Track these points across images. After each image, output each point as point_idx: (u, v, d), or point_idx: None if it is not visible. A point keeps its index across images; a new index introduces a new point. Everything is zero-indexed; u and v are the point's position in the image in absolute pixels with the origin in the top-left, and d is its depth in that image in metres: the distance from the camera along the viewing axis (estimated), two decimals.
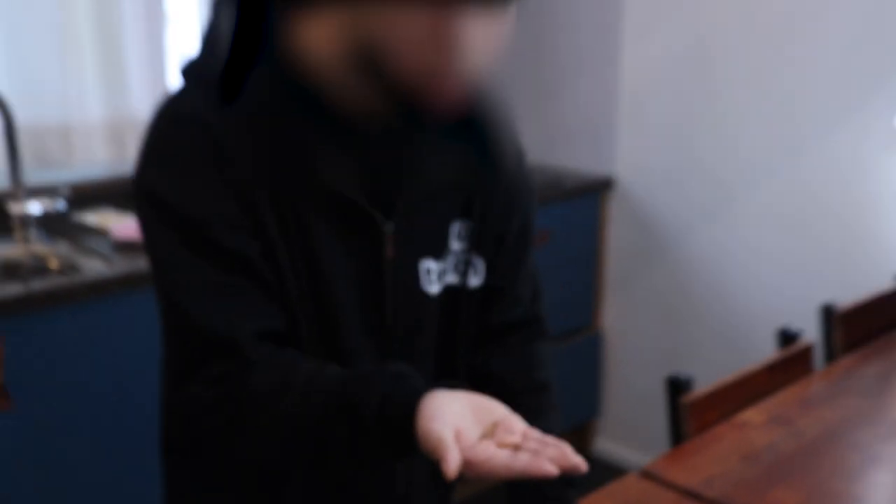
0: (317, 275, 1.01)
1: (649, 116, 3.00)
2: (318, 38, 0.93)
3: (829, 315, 2.03)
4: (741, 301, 2.86)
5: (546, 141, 3.26)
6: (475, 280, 1.14)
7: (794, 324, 2.15)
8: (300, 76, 0.96)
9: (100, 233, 2.41)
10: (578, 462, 0.80)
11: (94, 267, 2.15)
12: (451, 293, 1.12)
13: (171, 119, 0.98)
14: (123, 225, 2.40)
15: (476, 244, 1.13)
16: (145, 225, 0.99)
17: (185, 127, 0.96)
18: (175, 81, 1.34)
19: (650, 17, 2.93)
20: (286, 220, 0.99)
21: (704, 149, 2.87)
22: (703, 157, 2.88)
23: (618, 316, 3.22)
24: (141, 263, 2.13)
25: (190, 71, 1.02)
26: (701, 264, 2.95)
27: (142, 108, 2.70)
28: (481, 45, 0.91)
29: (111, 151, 2.68)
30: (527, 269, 1.22)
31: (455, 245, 1.12)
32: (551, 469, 0.79)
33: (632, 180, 3.09)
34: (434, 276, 1.10)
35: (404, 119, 0.96)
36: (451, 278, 1.12)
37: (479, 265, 1.14)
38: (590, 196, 3.11)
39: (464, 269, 1.13)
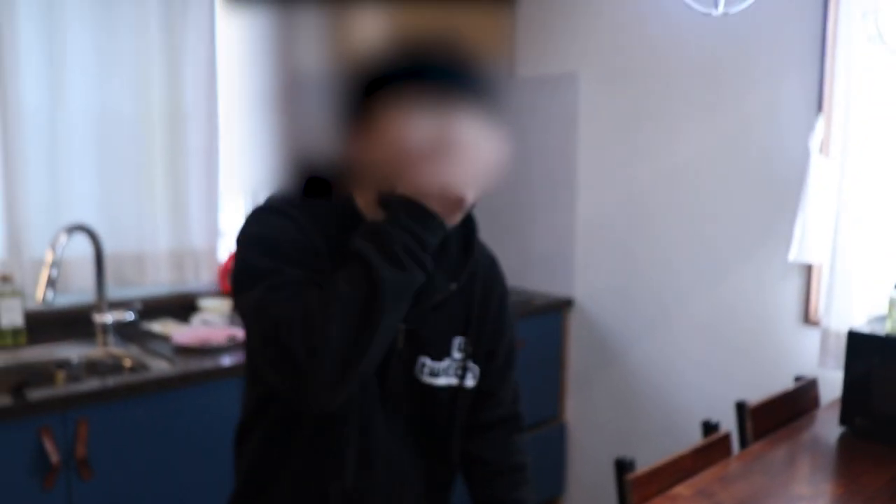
0: None
1: (601, 248, 3.06)
2: (368, 203, 1.03)
3: (743, 410, 2.03)
4: (675, 397, 2.86)
5: (519, 268, 3.31)
6: (470, 381, 1.18)
7: (715, 417, 2.15)
8: (352, 213, 1.05)
9: (163, 339, 2.43)
10: None
11: (159, 366, 2.17)
12: (450, 390, 1.16)
13: (263, 207, 1.03)
14: (182, 332, 2.42)
15: (472, 354, 1.18)
16: (242, 256, 0.99)
17: (275, 213, 1.02)
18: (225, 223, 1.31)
19: (598, 173, 3.03)
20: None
21: (646, 275, 2.92)
22: (644, 281, 2.92)
23: (578, 409, 3.21)
24: (197, 363, 2.15)
25: (271, 199, 1.06)
26: (645, 367, 2.96)
27: (199, 241, 2.75)
28: (476, 129, 0.94)
29: (173, 275, 2.73)
30: (511, 376, 1.28)
31: (456, 354, 1.16)
32: None
33: (588, 299, 3.12)
34: (427, 370, 1.13)
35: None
36: (451, 380, 1.16)
37: (475, 370, 1.19)
38: (554, 312, 3.14)
39: (461, 373, 1.17)
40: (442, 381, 1.15)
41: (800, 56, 2.43)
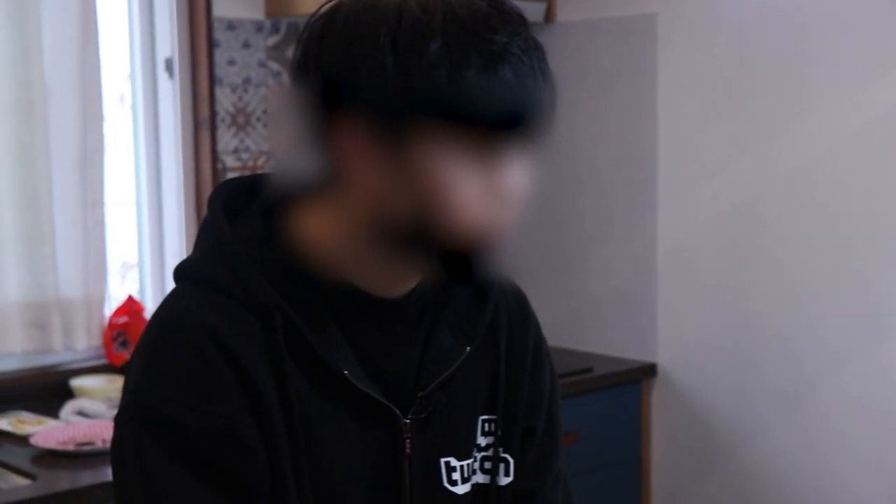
0: (325, 481, 1.12)
1: (696, 289, 3.07)
2: (324, 223, 1.13)
3: None
4: None
5: (572, 321, 3.32)
6: (505, 479, 1.24)
7: None
8: (303, 265, 1.13)
9: (16, 441, 2.41)
10: None
11: (10, 484, 2.15)
12: (481, 493, 1.23)
13: (170, 325, 1.12)
14: (46, 431, 2.42)
15: (503, 440, 1.24)
16: (136, 447, 1.08)
17: (187, 332, 1.09)
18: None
19: (689, 173, 3.05)
20: (294, 423, 1.10)
21: (768, 327, 2.93)
22: (766, 337, 2.93)
23: None
24: (70, 478, 2.15)
25: (185, 272, 1.16)
26: (773, 466, 2.95)
27: (70, 288, 2.76)
28: (526, 181, 1.09)
29: (30, 340, 2.74)
30: (557, 470, 1.32)
31: (482, 441, 1.23)
32: None
33: (679, 367, 3.13)
34: (458, 474, 1.20)
35: (446, 271, 1.13)
36: (479, 478, 1.22)
37: (509, 462, 1.25)
38: (628, 387, 3.14)
39: (492, 466, 1.23)
40: (468, 484, 1.22)
41: None
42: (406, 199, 1.07)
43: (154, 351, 1.11)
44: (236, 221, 1.16)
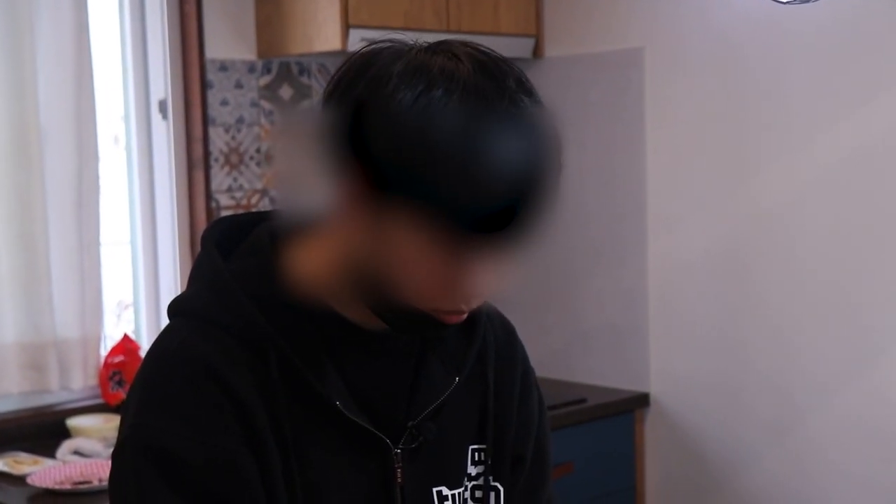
0: None
1: (687, 319, 3.07)
2: (313, 263, 1.14)
3: None
4: None
5: (564, 351, 3.31)
6: None
7: None
8: (295, 299, 1.14)
9: (12, 481, 2.41)
10: None
11: None
12: None
13: (167, 359, 1.13)
14: (43, 471, 2.41)
15: (493, 469, 1.24)
16: (136, 479, 1.09)
17: (183, 365, 1.11)
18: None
19: (680, 202, 3.06)
20: (289, 453, 1.11)
21: (760, 355, 2.92)
22: (758, 365, 2.93)
23: None
24: None
25: (180, 307, 1.17)
26: (767, 495, 2.94)
27: (67, 328, 2.75)
28: (494, 282, 1.09)
29: (26, 380, 2.73)
30: (548, 497, 1.33)
31: (472, 470, 1.23)
32: None
33: (671, 397, 3.13)
34: (450, 503, 1.20)
35: (405, 336, 1.17)
36: None
37: (499, 490, 1.25)
38: (620, 418, 3.14)
39: (483, 495, 1.23)
40: None
41: None
42: (370, 258, 1.08)
43: (151, 385, 1.12)
44: (230, 258, 1.17)
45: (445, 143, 1.00)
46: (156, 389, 1.12)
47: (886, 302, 2.70)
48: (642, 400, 3.16)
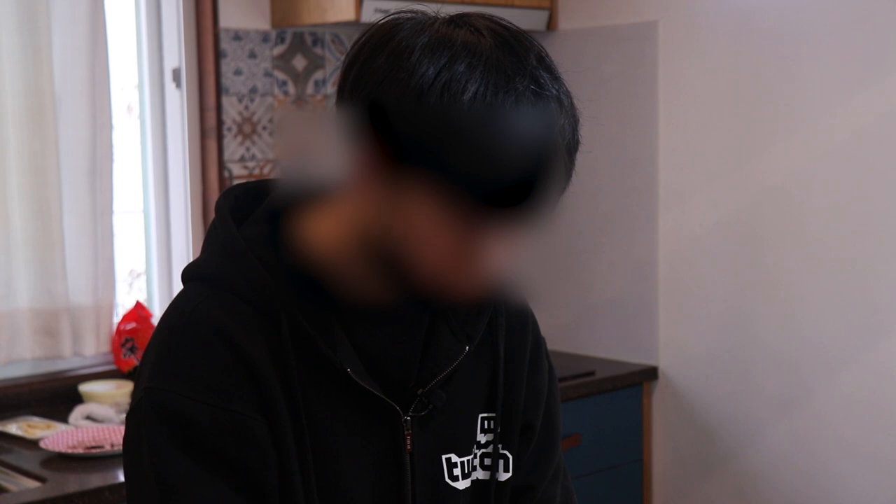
0: (330, 476, 1.15)
1: (697, 293, 3.07)
2: (325, 231, 1.16)
3: None
4: None
5: (574, 324, 3.32)
6: (504, 475, 1.27)
7: None
8: (306, 267, 1.16)
9: (26, 445, 2.43)
10: None
11: (20, 487, 2.16)
12: (480, 489, 1.25)
13: (181, 323, 1.15)
14: (56, 435, 2.43)
15: (503, 437, 1.27)
16: (149, 441, 1.11)
17: (197, 330, 1.12)
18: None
19: (691, 175, 3.06)
20: (300, 418, 1.13)
21: (768, 330, 2.93)
22: (766, 340, 2.94)
23: None
24: (79, 480, 2.16)
25: (193, 273, 1.19)
26: (774, 468, 2.95)
27: (80, 295, 2.77)
28: (508, 258, 1.10)
29: (39, 346, 2.75)
30: (556, 467, 1.35)
31: (481, 438, 1.26)
32: None
33: (679, 370, 3.13)
34: (458, 470, 1.23)
35: (416, 309, 1.18)
36: (479, 473, 1.26)
37: (508, 458, 1.28)
38: (629, 391, 3.15)
39: (492, 462, 1.26)
40: (468, 479, 1.25)
41: None
42: (384, 229, 1.08)
43: (166, 349, 1.14)
44: (243, 224, 1.18)
45: (466, 118, 1.01)
46: (170, 353, 1.13)
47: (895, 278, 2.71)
48: (650, 373, 3.17)
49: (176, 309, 1.17)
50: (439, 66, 1.02)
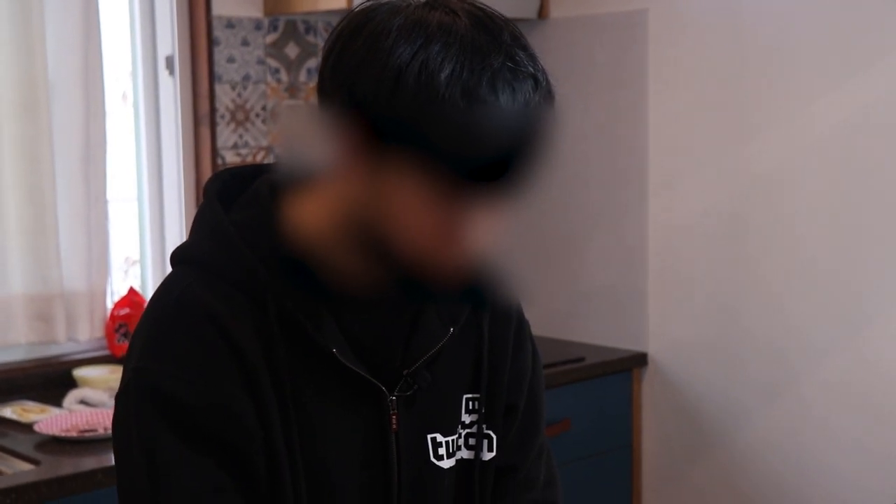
0: (317, 455, 1.17)
1: (686, 280, 3.08)
2: (312, 214, 1.16)
3: None
4: (811, 495, 2.87)
5: (563, 311, 3.33)
6: (488, 454, 1.29)
7: None
8: (293, 250, 1.16)
9: (20, 428, 2.43)
10: None
11: (15, 469, 2.17)
12: (465, 468, 1.28)
13: (169, 306, 1.17)
14: (50, 419, 2.43)
15: (487, 417, 1.28)
16: (137, 422, 1.13)
17: (186, 312, 1.14)
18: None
19: (680, 164, 3.06)
20: (286, 399, 1.14)
21: (755, 317, 2.94)
22: (753, 327, 2.95)
23: None
24: (73, 463, 2.17)
25: (182, 256, 1.21)
26: (760, 453, 2.97)
27: (74, 281, 2.77)
28: (491, 235, 1.11)
29: (34, 332, 2.75)
30: (539, 447, 1.37)
31: (466, 418, 1.28)
32: None
33: (669, 357, 3.14)
34: (443, 450, 1.25)
35: (404, 292, 1.18)
36: (464, 453, 1.28)
37: (492, 438, 1.30)
38: (619, 377, 3.15)
39: (476, 442, 1.28)
40: (453, 459, 1.27)
41: None
42: (369, 210, 1.10)
43: (154, 330, 1.15)
44: (232, 208, 1.20)
45: (443, 96, 1.02)
46: (158, 334, 1.15)
47: (881, 269, 2.71)
48: (640, 359, 3.18)
49: (164, 291, 1.18)
50: (415, 46, 1.03)
